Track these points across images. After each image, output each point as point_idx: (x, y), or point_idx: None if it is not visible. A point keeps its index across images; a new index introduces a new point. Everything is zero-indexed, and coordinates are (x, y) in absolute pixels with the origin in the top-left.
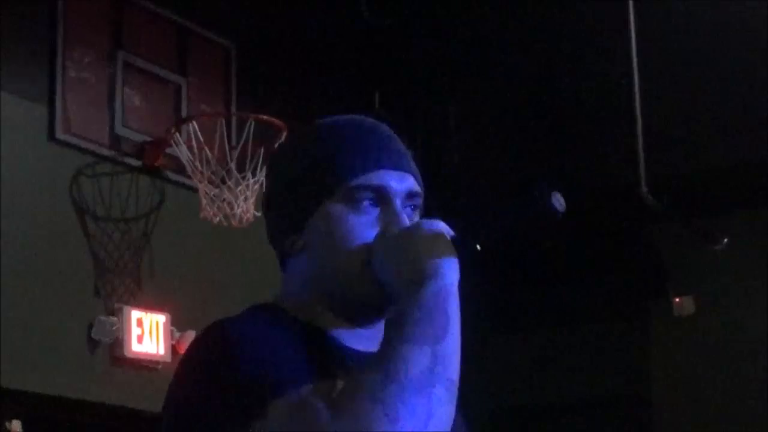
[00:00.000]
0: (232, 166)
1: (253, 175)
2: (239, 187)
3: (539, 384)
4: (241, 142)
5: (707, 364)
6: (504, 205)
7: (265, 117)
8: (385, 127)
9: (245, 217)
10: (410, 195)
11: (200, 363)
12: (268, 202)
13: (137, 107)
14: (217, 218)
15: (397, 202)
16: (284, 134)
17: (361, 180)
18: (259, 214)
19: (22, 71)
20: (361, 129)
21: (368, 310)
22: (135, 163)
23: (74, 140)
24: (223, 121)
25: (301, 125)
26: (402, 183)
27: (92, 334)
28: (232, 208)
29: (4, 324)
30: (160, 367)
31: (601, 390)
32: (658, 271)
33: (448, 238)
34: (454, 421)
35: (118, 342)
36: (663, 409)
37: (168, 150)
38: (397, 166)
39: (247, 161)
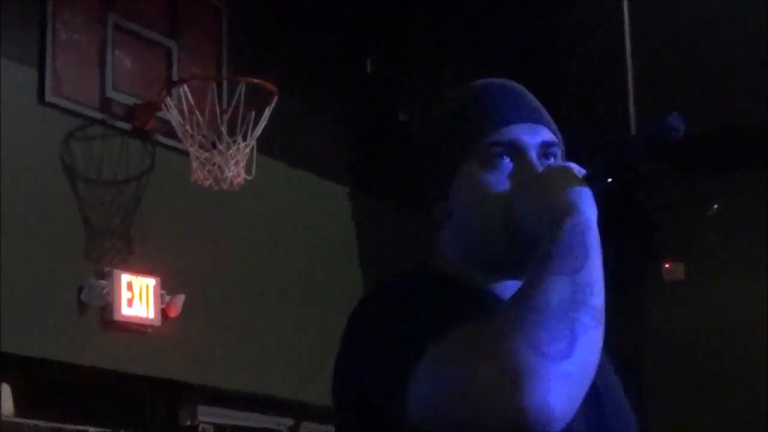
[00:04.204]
0: (223, 129)
1: (244, 138)
2: (230, 151)
3: None
4: (232, 106)
5: (697, 329)
6: (628, 136)
7: (256, 80)
8: (514, 84)
9: (236, 181)
10: (545, 145)
11: (373, 316)
12: (416, 169)
13: (128, 70)
14: (208, 182)
15: (532, 154)
16: (275, 98)
17: (494, 137)
18: (249, 177)
19: (12, 33)
20: (490, 90)
21: (516, 262)
22: (125, 126)
23: (64, 103)
24: (214, 85)
25: (290, 87)
26: (535, 135)
27: (82, 298)
28: (222, 172)
29: None
30: (149, 330)
31: None
32: (650, 236)
33: (579, 175)
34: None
35: (107, 305)
36: (653, 372)
37: (159, 113)
38: (529, 119)
39: (238, 125)
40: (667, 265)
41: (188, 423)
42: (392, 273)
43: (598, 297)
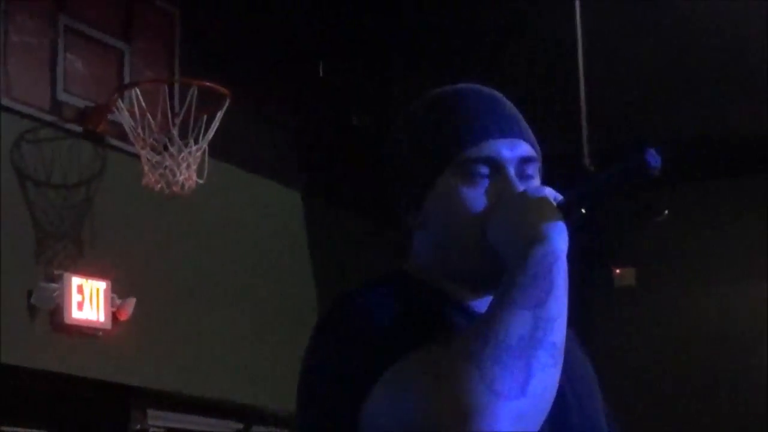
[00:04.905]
0: (175, 132)
1: (196, 142)
2: (181, 154)
3: None
4: (184, 109)
5: (648, 334)
6: (604, 169)
7: (208, 84)
8: (492, 93)
9: (187, 184)
10: (524, 160)
11: (337, 329)
12: (388, 176)
13: (79, 72)
14: (159, 185)
15: (511, 170)
16: (227, 101)
17: (472, 152)
18: (201, 181)
19: None
20: (469, 99)
21: (488, 280)
22: (77, 128)
23: (15, 105)
24: (166, 88)
25: (245, 91)
26: (514, 150)
27: (32, 301)
28: (174, 175)
29: None
30: (100, 333)
31: None
32: (600, 242)
33: (554, 203)
34: (582, 366)
35: (58, 309)
36: (603, 377)
37: (110, 116)
38: (509, 133)
39: (190, 128)
40: (617, 271)
41: (138, 427)
42: (367, 278)
43: (557, 334)
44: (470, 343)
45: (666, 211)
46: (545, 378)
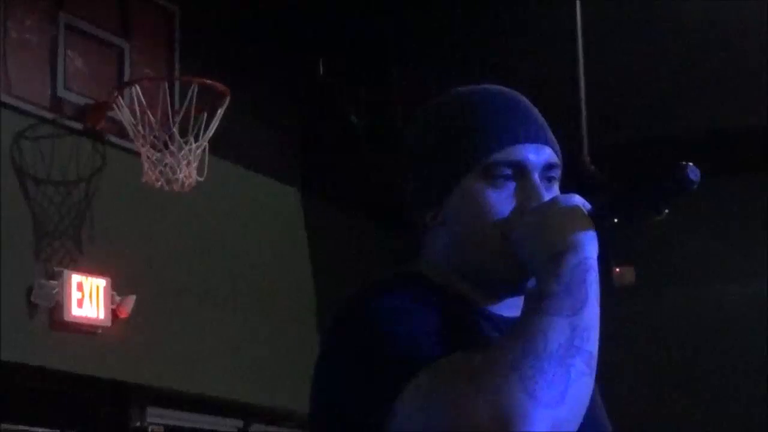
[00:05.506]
0: (175, 130)
1: (196, 139)
2: (182, 152)
3: None
4: (184, 107)
5: (646, 333)
6: (640, 179)
7: (208, 81)
8: (521, 98)
9: (187, 182)
10: (548, 167)
11: (348, 341)
12: (404, 172)
13: (79, 70)
14: (159, 182)
15: (535, 176)
16: (227, 99)
17: (499, 156)
18: (201, 179)
19: None
20: (497, 101)
21: (507, 285)
22: (76, 126)
23: (15, 102)
24: (166, 85)
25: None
26: (540, 155)
27: (32, 298)
28: (174, 173)
29: None
30: (99, 331)
31: None
32: (600, 240)
33: (585, 211)
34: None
35: (58, 306)
36: (603, 377)
37: (110, 113)
38: (535, 139)
39: (190, 126)
40: (617, 269)
41: (138, 424)
42: (378, 278)
43: (593, 342)
44: (509, 350)
45: (666, 209)
46: (582, 386)
